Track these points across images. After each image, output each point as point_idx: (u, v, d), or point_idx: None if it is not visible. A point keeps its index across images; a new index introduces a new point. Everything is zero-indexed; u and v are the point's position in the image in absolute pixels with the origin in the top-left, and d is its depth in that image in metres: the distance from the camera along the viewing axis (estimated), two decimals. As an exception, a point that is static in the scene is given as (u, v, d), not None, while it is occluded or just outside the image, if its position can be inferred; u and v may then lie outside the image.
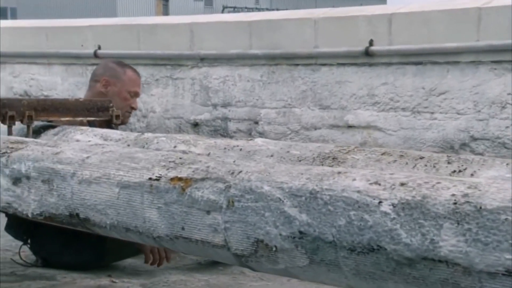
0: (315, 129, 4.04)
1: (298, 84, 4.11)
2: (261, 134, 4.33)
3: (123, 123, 2.17)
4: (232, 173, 1.29)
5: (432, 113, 3.62)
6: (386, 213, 1.07)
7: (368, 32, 3.81)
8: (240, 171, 1.29)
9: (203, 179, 1.31)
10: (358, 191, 1.12)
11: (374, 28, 3.80)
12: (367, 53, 3.76)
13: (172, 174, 1.35)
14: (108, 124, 2.19)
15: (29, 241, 2.24)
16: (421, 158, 1.36)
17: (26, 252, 2.30)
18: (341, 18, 3.96)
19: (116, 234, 1.44)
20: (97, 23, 5.48)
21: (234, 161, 1.34)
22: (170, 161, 1.39)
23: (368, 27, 3.82)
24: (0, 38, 6.08)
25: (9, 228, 2.28)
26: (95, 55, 5.27)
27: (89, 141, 1.85)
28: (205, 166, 1.34)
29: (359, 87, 3.87)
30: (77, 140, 1.87)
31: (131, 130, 4.82)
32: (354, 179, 1.15)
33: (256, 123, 4.31)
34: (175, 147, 1.70)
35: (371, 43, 3.77)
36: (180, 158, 1.40)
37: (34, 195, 1.51)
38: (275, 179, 1.23)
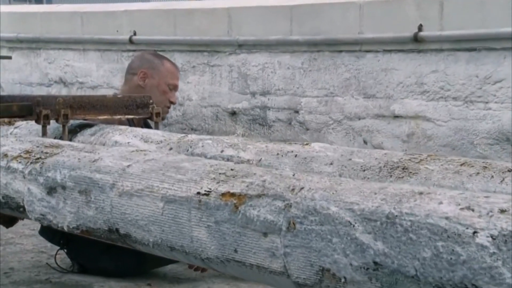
0: (359, 119, 3.86)
1: (341, 71, 3.92)
2: (302, 124, 4.16)
3: (162, 119, 2.03)
4: (293, 189, 1.14)
5: (487, 102, 3.40)
6: (483, 246, 0.90)
7: (417, 16, 3.60)
8: (302, 188, 1.13)
9: (259, 196, 1.16)
10: (447, 218, 0.95)
11: (424, 13, 3.59)
12: (416, 39, 3.56)
13: (223, 188, 1.20)
14: (145, 121, 2.05)
15: (65, 246, 2.13)
16: (510, 171, 1.18)
17: (62, 255, 2.19)
18: (388, 1, 3.75)
19: (160, 252, 1.30)
20: (132, 7, 5.35)
21: (293, 175, 1.18)
22: (220, 173, 1.24)
23: (417, 11, 3.60)
24: (36, 23, 6.02)
25: (44, 232, 2.17)
26: (131, 41, 5.16)
27: (128, 142, 1.71)
28: (260, 180, 1.18)
29: (406, 75, 3.67)
30: (116, 141, 1.73)
31: (167, 119, 4.70)
32: (441, 203, 0.98)
33: (297, 112, 4.14)
34: (222, 151, 1.55)
35: (420, 28, 3.57)
36: (232, 169, 1.24)
37: (70, 207, 1.38)
38: (344, 198, 1.07)
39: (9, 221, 1.67)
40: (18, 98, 1.81)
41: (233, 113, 4.47)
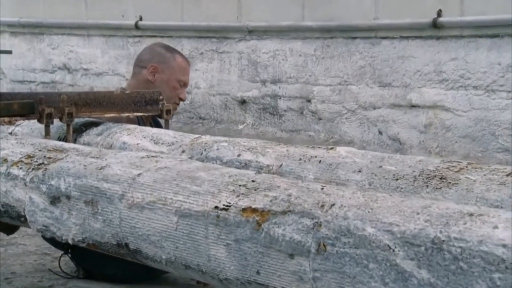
0: (374, 108, 3.73)
1: (355, 59, 3.78)
2: (314, 113, 4.04)
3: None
4: (322, 206, 1.02)
5: (509, 91, 3.26)
6: (548, 282, 0.78)
7: (436, 1, 3.45)
8: (333, 204, 1.01)
9: (284, 213, 1.04)
10: (504, 245, 0.83)
11: (443, -3, 3.44)
12: (435, 25, 3.42)
13: (244, 203, 1.09)
14: (153, 117, 1.94)
15: (69, 250, 2.02)
16: None
17: (66, 258, 2.08)
18: (405, -15, 3.61)
19: (174, 270, 1.19)
20: (138, -8, 5.21)
21: (322, 188, 1.07)
22: (240, 185, 1.12)
23: (436, -5, 3.46)
24: (38, 7, 5.89)
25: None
26: (136, 26, 5.03)
27: (138, 144, 1.59)
28: (285, 195, 1.07)
29: (424, 62, 3.53)
30: (124, 142, 1.62)
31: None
32: (496, 227, 0.86)
33: (309, 101, 4.02)
34: (239, 155, 1.43)
35: (439, 13, 3.42)
36: (253, 181, 1.13)
37: (76, 218, 1.27)
38: (381, 218, 0.96)
39: (10, 228, 1.57)
40: (19, 95, 1.70)
41: (243, 102, 4.35)
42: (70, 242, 1.31)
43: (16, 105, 1.63)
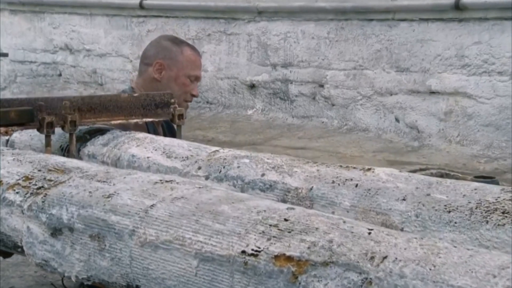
0: (391, 94, 3.55)
1: (371, 42, 3.60)
2: (327, 99, 3.86)
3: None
4: (372, 258, 0.86)
5: (536, 79, 3.09)
6: None
7: (458, -19, 3.25)
8: (385, 257, 0.86)
9: (325, 264, 0.89)
10: None
11: (467, -23, 3.24)
12: (457, 6, 3.23)
13: (276, 248, 0.93)
14: (166, 121, 1.77)
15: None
16: None
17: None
18: (425, -36, 3.40)
19: (194, 318, 1.04)
20: (141, -31, 4.99)
21: (369, 233, 0.91)
22: (271, 225, 0.97)
23: (459, -25, 3.25)
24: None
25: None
26: (141, 6, 4.83)
27: (148, 157, 1.43)
28: (326, 240, 0.91)
29: (445, 46, 3.35)
30: (133, 155, 1.46)
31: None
32: None
33: (321, 86, 3.84)
34: (263, 175, 1.27)
35: (462, -6, 3.23)
36: (286, 220, 0.97)
37: (80, 254, 1.12)
38: (447, 279, 0.80)
39: (6, 252, 1.43)
40: (17, 102, 1.53)
41: (252, 86, 4.17)
42: (73, 279, 1.16)
43: (13, 113, 1.47)
